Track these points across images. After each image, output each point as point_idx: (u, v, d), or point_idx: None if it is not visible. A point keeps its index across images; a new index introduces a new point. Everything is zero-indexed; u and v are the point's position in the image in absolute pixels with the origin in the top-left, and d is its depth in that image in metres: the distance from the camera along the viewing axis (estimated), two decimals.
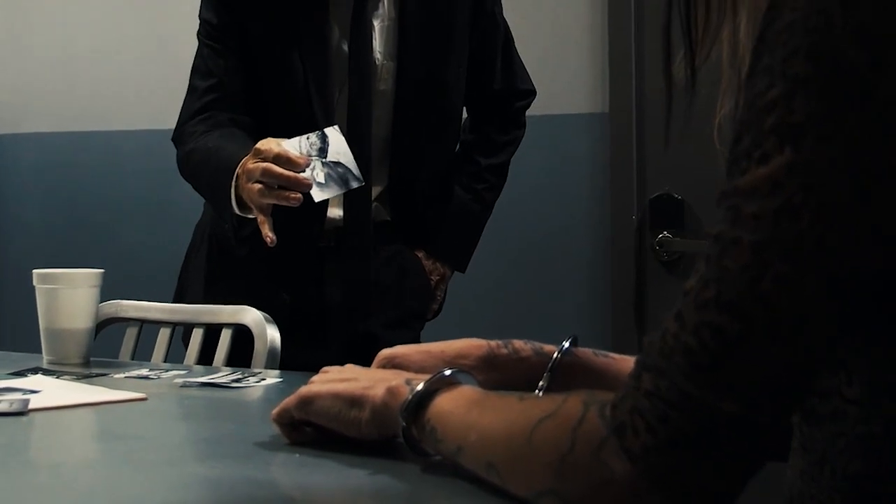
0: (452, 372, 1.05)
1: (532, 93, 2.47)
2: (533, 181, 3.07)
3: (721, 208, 0.78)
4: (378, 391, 1.07)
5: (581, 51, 3.15)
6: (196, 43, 2.26)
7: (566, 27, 3.16)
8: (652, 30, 3.04)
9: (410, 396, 1.03)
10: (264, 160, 1.86)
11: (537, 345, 1.26)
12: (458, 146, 2.40)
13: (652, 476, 0.76)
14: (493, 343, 1.25)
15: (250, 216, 1.94)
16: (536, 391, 1.22)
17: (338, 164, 1.92)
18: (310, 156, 1.90)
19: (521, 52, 2.45)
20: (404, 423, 1.03)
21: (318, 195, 1.90)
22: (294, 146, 1.90)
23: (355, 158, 1.94)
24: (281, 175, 1.84)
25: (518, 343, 1.25)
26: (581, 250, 3.14)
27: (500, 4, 2.36)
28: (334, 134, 1.94)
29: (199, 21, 2.25)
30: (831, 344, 0.77)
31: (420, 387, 1.03)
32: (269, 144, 1.88)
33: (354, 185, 1.94)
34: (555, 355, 1.23)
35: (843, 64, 0.74)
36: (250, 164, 1.88)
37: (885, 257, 0.76)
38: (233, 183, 1.94)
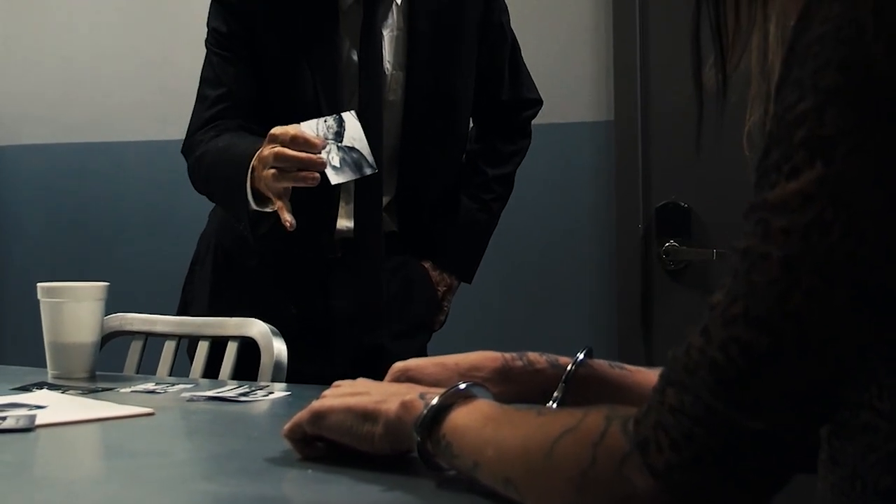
0: (467, 385, 1.03)
1: (539, 102, 2.46)
2: (538, 190, 3.06)
3: (749, 222, 0.77)
4: (392, 405, 1.06)
5: (586, 59, 3.14)
6: (201, 51, 2.25)
7: (571, 35, 3.15)
8: (657, 38, 3.03)
9: (425, 411, 1.01)
10: (281, 144, 1.85)
11: (552, 357, 1.25)
12: (464, 156, 2.39)
13: (676, 492, 0.76)
14: (507, 355, 1.24)
15: (268, 209, 1.92)
16: (551, 403, 1.21)
17: (352, 149, 1.92)
18: (326, 139, 1.89)
19: (527, 60, 2.44)
20: (419, 438, 1.01)
21: (333, 178, 1.89)
22: (311, 128, 1.90)
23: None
24: (295, 157, 1.83)
25: (533, 355, 1.24)
26: (587, 259, 3.13)
27: (508, 14, 2.36)
28: (351, 119, 1.93)
29: (206, 29, 2.24)
30: (861, 358, 0.76)
31: (435, 401, 1.01)
32: (284, 128, 1.87)
33: (368, 171, 1.93)
34: (569, 367, 1.22)
35: (875, 75, 0.73)
36: (266, 151, 1.87)
37: None
38: (248, 175, 1.92)
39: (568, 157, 3.14)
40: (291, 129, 1.86)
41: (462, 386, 1.03)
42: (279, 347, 1.98)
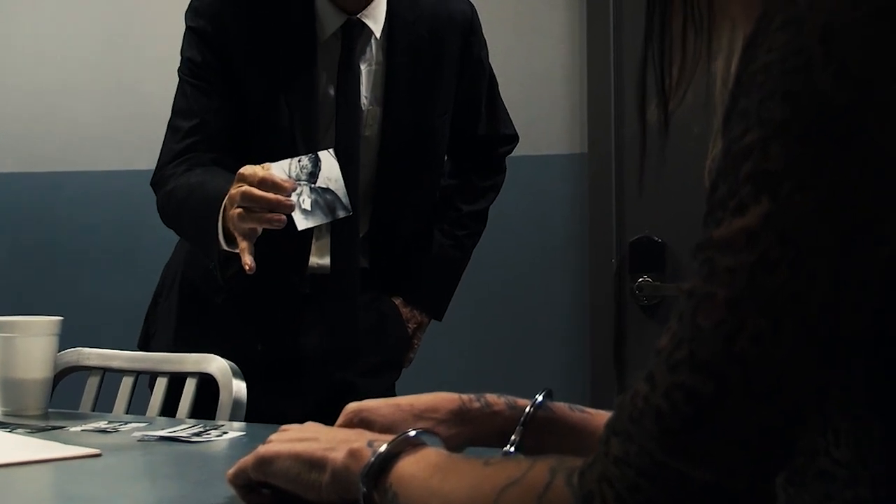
0: (417, 433, 0.99)
1: (515, 138, 2.44)
2: (510, 223, 3.03)
3: (696, 261, 0.73)
4: (339, 453, 1.01)
5: (559, 90, 3.13)
6: (170, 80, 2.19)
7: (545, 66, 3.14)
8: (631, 71, 3.01)
9: (372, 459, 0.97)
10: (249, 185, 1.79)
11: (511, 399, 1.21)
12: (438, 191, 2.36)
13: None
14: (464, 397, 1.20)
15: (237, 249, 1.87)
16: (508, 446, 1.17)
17: (327, 190, 1.85)
18: (298, 180, 1.83)
19: (501, 93, 2.41)
20: (365, 489, 0.96)
21: (301, 223, 1.83)
22: (283, 168, 1.83)
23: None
24: (262, 197, 1.77)
25: (491, 397, 1.20)
26: (559, 294, 3.09)
27: (487, 49, 2.33)
28: (328, 158, 1.87)
29: (176, 58, 2.19)
30: (814, 404, 0.72)
31: (382, 449, 0.97)
32: (252, 169, 1.81)
33: (341, 214, 1.87)
34: (527, 409, 1.18)
35: (824, 106, 0.69)
36: (233, 190, 1.81)
37: (873, 315, 0.71)
38: (220, 216, 1.86)
39: (541, 189, 3.11)
40: (260, 171, 1.81)
41: (411, 433, 0.99)
42: (238, 385, 1.93)
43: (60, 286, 3.53)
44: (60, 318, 1.85)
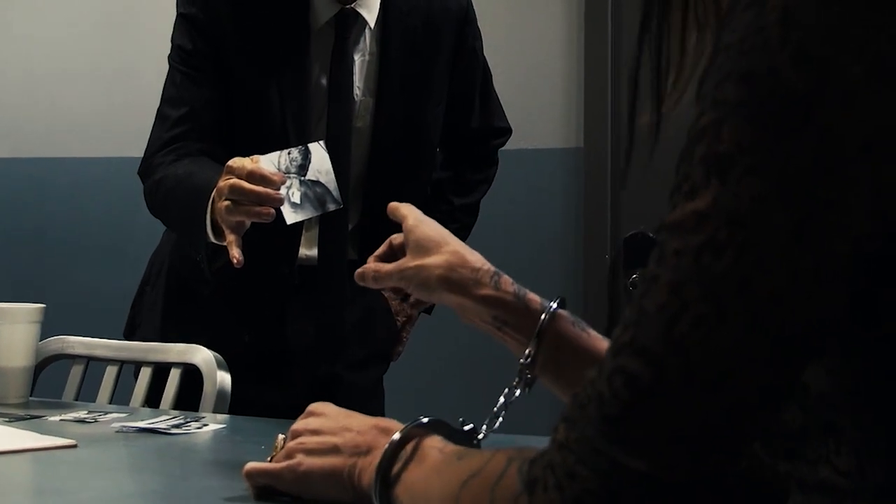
0: (426, 421, 1.00)
1: (508, 131, 2.41)
2: (504, 217, 3.01)
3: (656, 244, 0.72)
4: (359, 466, 1.03)
5: (556, 83, 3.10)
6: (163, 66, 2.16)
7: (541, 59, 3.12)
8: (627, 65, 2.99)
9: (374, 484, 0.97)
10: (237, 177, 1.76)
11: (521, 289, 1.29)
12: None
13: None
14: (484, 267, 1.29)
15: (225, 242, 1.84)
16: (523, 359, 1.20)
17: (316, 182, 1.82)
18: (288, 172, 1.79)
19: (496, 85, 2.39)
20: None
21: (290, 217, 1.79)
22: (272, 161, 1.80)
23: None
24: (251, 190, 1.73)
25: (505, 279, 1.29)
26: (552, 290, 3.05)
27: (482, 41, 2.30)
28: (318, 150, 1.83)
29: (170, 45, 2.16)
30: (760, 400, 0.69)
31: (376, 463, 0.98)
32: (241, 162, 1.78)
33: (331, 207, 1.83)
34: (542, 317, 1.23)
35: (779, 87, 0.66)
36: (221, 182, 1.78)
37: (829, 304, 0.68)
38: (209, 207, 1.84)
39: (536, 183, 3.08)
40: (249, 164, 1.77)
41: (423, 420, 1.00)
42: (223, 377, 1.90)
43: (49, 273, 3.51)
44: (42, 305, 1.83)
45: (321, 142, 1.86)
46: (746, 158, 0.67)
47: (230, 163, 1.78)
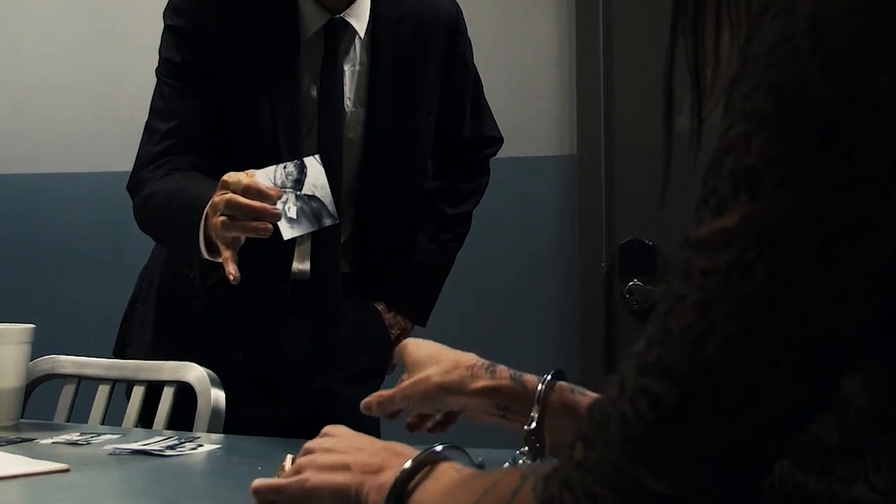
0: (441, 449, 0.98)
1: (499, 140, 2.40)
2: (498, 226, 2.99)
3: (678, 261, 0.70)
4: (368, 486, 1.00)
5: (548, 90, 3.08)
6: (153, 79, 2.13)
7: (533, 66, 3.10)
8: (622, 70, 2.98)
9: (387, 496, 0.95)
10: (233, 192, 1.73)
11: (517, 373, 1.30)
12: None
13: None
14: (478, 363, 1.31)
15: (220, 258, 1.80)
16: (528, 424, 1.22)
17: (312, 197, 1.80)
18: (283, 187, 1.77)
19: (489, 92, 2.38)
20: None
21: (287, 232, 1.77)
22: (268, 175, 1.77)
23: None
24: (247, 205, 1.71)
25: (500, 368, 1.30)
26: (548, 298, 3.05)
27: (472, 49, 2.28)
28: (314, 165, 1.81)
29: (158, 58, 2.13)
30: (792, 418, 0.68)
31: (393, 480, 0.96)
32: (237, 176, 1.75)
33: (328, 222, 1.81)
34: (539, 388, 1.25)
35: (808, 99, 0.65)
36: (216, 197, 1.76)
37: (859, 321, 0.66)
38: (202, 223, 1.81)
39: (529, 191, 3.07)
40: (245, 178, 1.75)
41: (437, 448, 0.98)
42: (217, 394, 1.88)
43: (38, 291, 3.47)
44: (32, 326, 1.80)
45: (316, 156, 1.84)
46: (775, 172, 0.65)
47: (225, 177, 1.76)
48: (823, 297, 0.65)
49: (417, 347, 1.36)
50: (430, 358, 1.32)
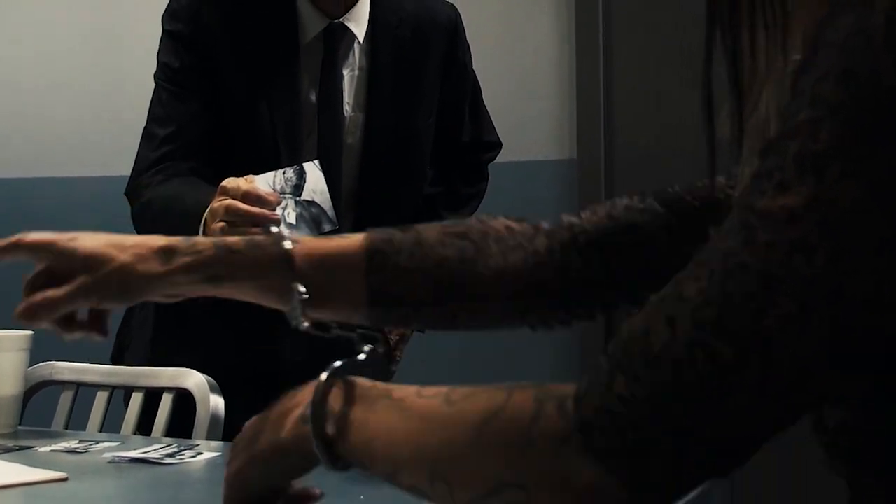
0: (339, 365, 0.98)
1: (498, 145, 2.40)
2: None
3: (734, 219, 0.72)
4: (281, 434, 0.95)
5: (548, 94, 3.09)
6: (151, 84, 2.13)
7: (533, 69, 3.11)
8: (621, 73, 2.98)
9: (318, 448, 0.90)
10: (232, 198, 1.73)
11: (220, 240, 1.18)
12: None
13: (617, 475, 0.73)
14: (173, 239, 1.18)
15: None
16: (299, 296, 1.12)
17: (312, 203, 1.80)
18: (283, 193, 1.78)
19: (489, 96, 2.38)
20: (332, 465, 0.90)
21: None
22: (267, 181, 1.78)
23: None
24: (247, 211, 1.71)
25: (199, 238, 1.19)
26: None
27: (471, 54, 2.28)
28: (313, 170, 1.81)
29: (156, 62, 2.12)
30: (822, 401, 0.74)
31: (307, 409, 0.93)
32: (236, 182, 1.76)
33: (327, 227, 1.81)
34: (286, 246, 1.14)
35: (880, 90, 0.66)
36: (215, 203, 1.76)
37: None
38: (201, 229, 1.80)
39: (529, 196, 3.06)
40: (244, 184, 1.75)
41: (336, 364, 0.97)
42: (216, 400, 1.87)
43: None
44: (30, 332, 1.79)
45: (316, 161, 1.84)
46: (843, 160, 0.67)
47: (224, 183, 1.76)
48: (882, 291, 0.67)
49: (90, 238, 1.19)
50: (112, 247, 1.17)
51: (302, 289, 1.13)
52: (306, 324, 1.14)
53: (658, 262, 1.11)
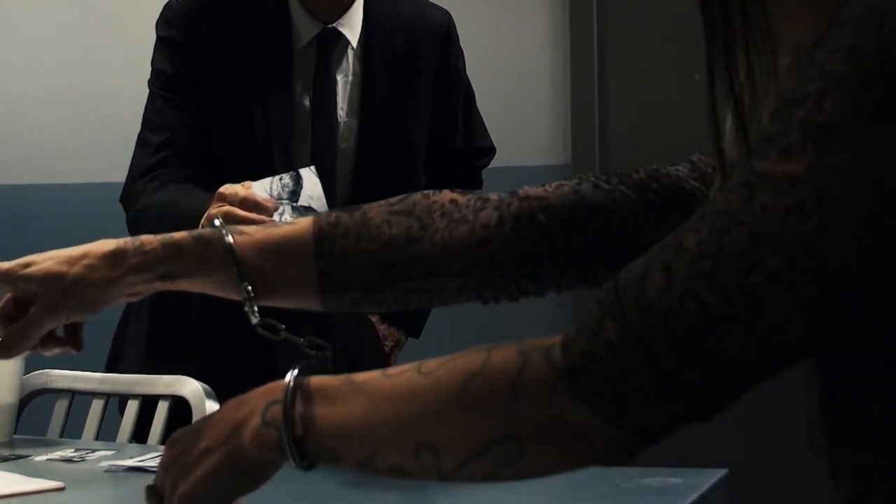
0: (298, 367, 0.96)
1: (492, 151, 2.40)
2: None
3: (737, 178, 0.75)
4: (240, 442, 0.93)
5: (542, 99, 3.09)
6: (146, 90, 2.13)
7: (527, 75, 3.11)
8: (616, 78, 2.98)
9: (286, 444, 0.90)
10: (230, 204, 1.73)
11: (167, 237, 1.18)
12: None
13: (609, 417, 0.76)
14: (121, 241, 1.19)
15: None
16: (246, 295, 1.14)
17: (308, 209, 1.80)
18: (280, 199, 1.78)
19: (483, 102, 2.38)
20: (300, 463, 0.89)
21: None
22: (264, 187, 1.79)
23: None
24: (245, 217, 1.72)
25: (146, 238, 1.18)
26: (543, 308, 3.03)
27: (464, 59, 2.28)
28: (310, 176, 1.82)
29: (151, 68, 2.13)
30: (796, 358, 0.76)
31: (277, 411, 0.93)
32: (233, 188, 1.77)
33: None
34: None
35: (886, 69, 0.69)
36: (213, 209, 1.76)
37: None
38: None
39: None
40: (241, 190, 1.76)
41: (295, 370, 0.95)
42: (212, 407, 1.87)
43: None
44: None
45: (312, 167, 1.85)
46: (843, 133, 0.70)
47: (222, 189, 1.76)
48: (866, 259, 0.71)
49: (42, 259, 1.20)
50: (63, 263, 1.18)
51: (248, 287, 1.14)
52: (255, 320, 1.17)
53: (620, 245, 1.12)
